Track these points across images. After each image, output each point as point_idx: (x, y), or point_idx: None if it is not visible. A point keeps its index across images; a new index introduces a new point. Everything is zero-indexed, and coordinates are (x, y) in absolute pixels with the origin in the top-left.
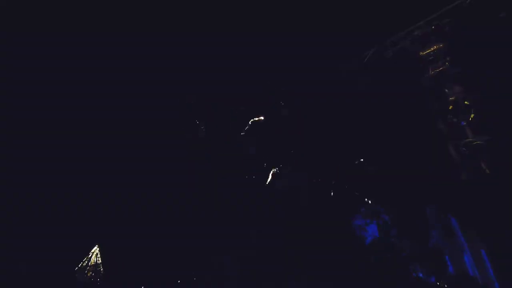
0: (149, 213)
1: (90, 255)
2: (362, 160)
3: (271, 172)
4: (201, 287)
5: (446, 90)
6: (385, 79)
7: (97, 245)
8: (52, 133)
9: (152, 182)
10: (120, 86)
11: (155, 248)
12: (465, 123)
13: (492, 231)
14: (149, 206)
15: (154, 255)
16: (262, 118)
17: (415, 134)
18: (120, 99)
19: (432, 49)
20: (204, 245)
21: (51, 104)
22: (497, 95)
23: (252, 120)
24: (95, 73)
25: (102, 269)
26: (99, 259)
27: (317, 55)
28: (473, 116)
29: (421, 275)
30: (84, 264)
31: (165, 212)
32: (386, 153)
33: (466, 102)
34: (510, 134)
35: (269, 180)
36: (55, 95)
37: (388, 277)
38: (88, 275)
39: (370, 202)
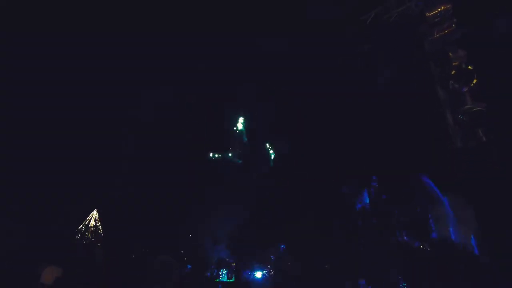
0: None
1: (89, 218)
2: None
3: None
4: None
5: (450, 54)
6: (387, 42)
7: (95, 210)
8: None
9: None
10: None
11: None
12: (466, 89)
13: (482, 198)
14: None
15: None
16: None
17: (412, 100)
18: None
19: (438, 10)
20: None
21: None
22: (505, 58)
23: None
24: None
25: (102, 232)
26: (98, 222)
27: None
28: (475, 82)
29: (406, 238)
30: (83, 227)
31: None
32: (380, 119)
33: (469, 67)
34: (510, 101)
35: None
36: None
37: (374, 240)
38: (88, 237)
39: (361, 170)
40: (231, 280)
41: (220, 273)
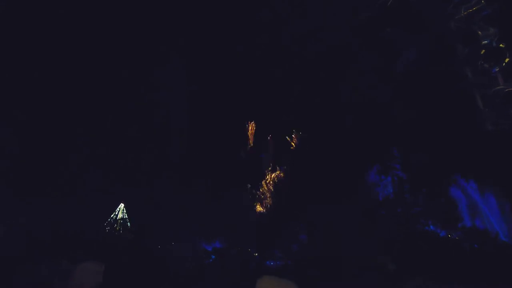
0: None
1: (116, 212)
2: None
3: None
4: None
5: (479, 33)
6: (410, 22)
7: (122, 203)
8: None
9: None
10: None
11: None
12: (497, 70)
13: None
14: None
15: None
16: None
17: (441, 82)
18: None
19: None
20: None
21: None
22: None
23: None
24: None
25: (129, 224)
26: (125, 214)
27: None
28: (507, 61)
29: (432, 228)
30: (112, 220)
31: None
32: (407, 103)
33: (501, 45)
34: None
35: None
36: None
37: (399, 230)
38: (117, 229)
39: (385, 159)
40: None
41: None
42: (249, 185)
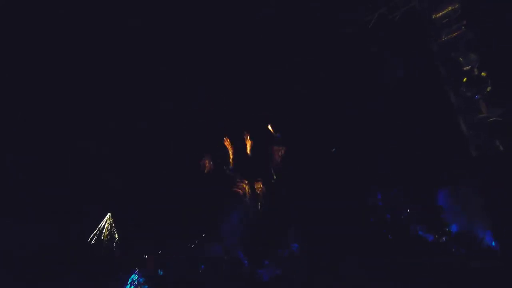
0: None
1: (103, 223)
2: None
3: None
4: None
5: (461, 59)
6: (391, 45)
7: (109, 213)
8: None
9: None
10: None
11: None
12: (479, 97)
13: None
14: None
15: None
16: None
17: (424, 107)
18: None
19: (445, 10)
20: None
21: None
22: None
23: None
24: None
25: (116, 235)
26: (113, 225)
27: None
28: (490, 89)
29: (420, 233)
30: (98, 232)
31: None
32: (393, 124)
33: (483, 74)
34: None
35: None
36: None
37: (387, 235)
38: (104, 240)
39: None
40: None
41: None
42: (241, 192)
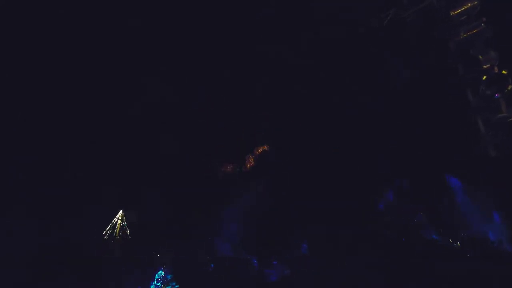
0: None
1: (115, 220)
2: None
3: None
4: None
5: (480, 57)
6: (407, 44)
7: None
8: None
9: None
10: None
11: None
12: (499, 96)
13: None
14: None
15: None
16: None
17: (442, 106)
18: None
19: (464, 7)
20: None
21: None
22: None
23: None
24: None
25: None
26: (124, 222)
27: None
28: (511, 88)
29: (434, 237)
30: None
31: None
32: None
33: (503, 72)
34: None
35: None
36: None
37: (399, 239)
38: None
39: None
40: None
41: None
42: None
